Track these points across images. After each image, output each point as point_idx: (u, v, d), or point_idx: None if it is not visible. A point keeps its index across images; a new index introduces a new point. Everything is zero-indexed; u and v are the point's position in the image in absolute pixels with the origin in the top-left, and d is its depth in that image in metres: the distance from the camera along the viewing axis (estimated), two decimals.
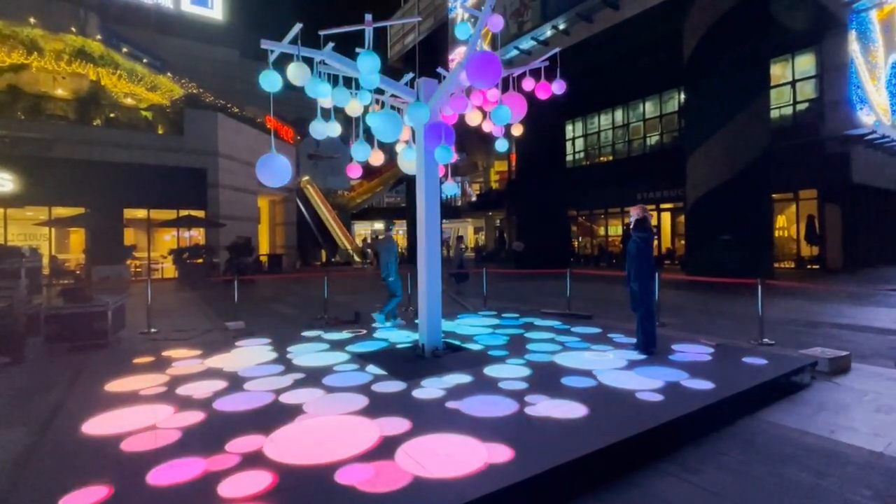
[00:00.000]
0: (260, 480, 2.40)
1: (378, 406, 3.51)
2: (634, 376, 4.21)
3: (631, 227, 5.21)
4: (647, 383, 3.97)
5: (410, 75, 4.98)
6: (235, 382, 4.18)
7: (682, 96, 22.36)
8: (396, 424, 3.14)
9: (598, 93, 24.93)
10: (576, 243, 28.02)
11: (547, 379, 4.13)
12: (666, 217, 23.48)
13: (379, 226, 43.82)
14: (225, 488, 2.34)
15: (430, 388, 3.90)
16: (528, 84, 5.34)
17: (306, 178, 32.79)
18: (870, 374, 4.74)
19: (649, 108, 24.13)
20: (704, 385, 3.88)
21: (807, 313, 8.37)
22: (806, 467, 2.81)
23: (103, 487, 2.40)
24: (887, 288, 11.69)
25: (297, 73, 4.05)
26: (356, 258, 29.30)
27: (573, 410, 3.35)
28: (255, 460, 2.66)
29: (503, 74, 5.11)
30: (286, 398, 3.73)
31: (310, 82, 4.20)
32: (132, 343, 6.49)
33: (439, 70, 4.99)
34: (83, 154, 16.33)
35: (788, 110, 19.12)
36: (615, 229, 26.24)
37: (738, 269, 13.39)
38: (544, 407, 3.43)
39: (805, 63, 18.84)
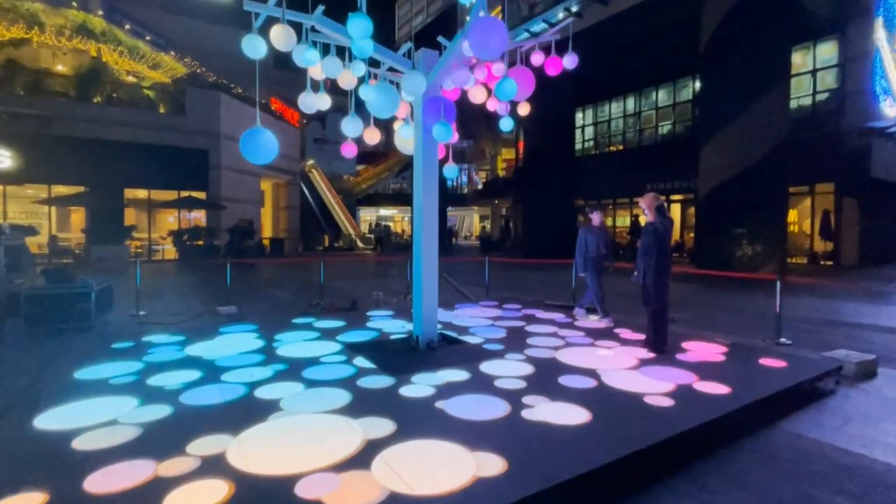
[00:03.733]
0: (213, 492, 2.11)
1: (362, 404, 3.21)
2: (642, 377, 3.88)
3: (648, 216, 4.82)
4: (655, 386, 3.64)
5: (409, 45, 4.59)
6: (212, 372, 3.89)
7: (697, 84, 21.68)
8: (379, 426, 2.84)
9: (609, 80, 24.26)
10: None
11: (547, 378, 3.81)
12: (676, 209, 22.92)
13: (385, 212, 43.54)
14: (170, 501, 2.05)
15: (421, 385, 3.59)
16: (538, 59, 4.93)
17: (311, 162, 32.44)
18: None
19: (662, 96, 23.44)
20: (720, 389, 3.54)
21: (823, 311, 7.97)
22: (840, 490, 2.48)
23: (39, 494, 2.11)
24: None
25: (281, 37, 3.68)
26: (360, 244, 29.04)
27: (575, 416, 3.03)
28: (213, 466, 2.36)
29: (510, 47, 4.73)
30: (263, 392, 3.43)
31: (296, 49, 3.83)
32: (117, 326, 6.24)
33: (440, 39, 4.58)
34: (84, 132, 16.04)
35: (808, 100, 18.42)
36: (623, 220, 25.73)
37: (751, 263, 13.03)
38: (543, 411, 3.11)
39: (827, 51, 18.09)
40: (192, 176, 18.00)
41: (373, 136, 4.85)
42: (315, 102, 4.31)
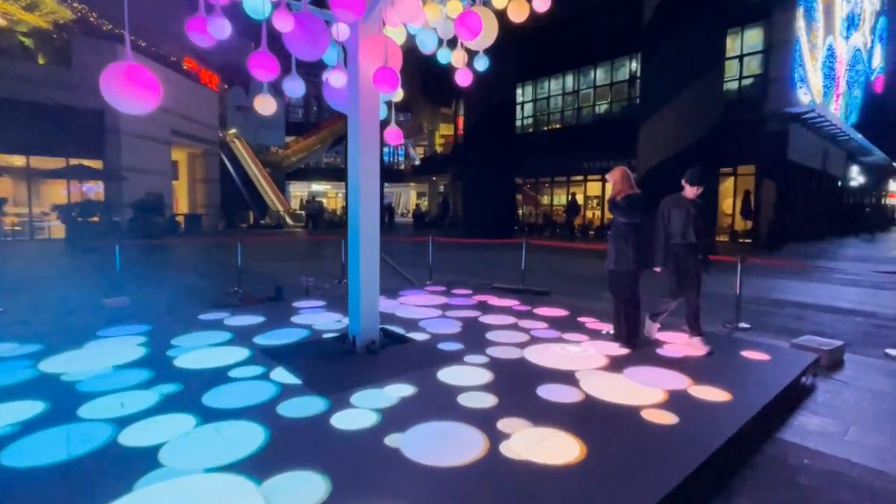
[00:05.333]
0: None
1: (280, 448, 2.32)
2: (628, 382, 3.30)
3: (620, 194, 4.20)
4: (647, 394, 3.06)
5: None
6: (65, 403, 2.79)
7: (634, 65, 21.90)
8: (303, 491, 1.98)
9: (550, 55, 23.95)
10: (520, 212, 27.50)
11: (519, 389, 3.12)
12: (609, 189, 23.30)
13: (317, 187, 41.15)
14: None
15: (363, 410, 2.74)
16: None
17: (233, 131, 29.60)
18: (869, 367, 4.17)
19: (600, 75, 23.50)
20: (720, 396, 3.03)
21: (765, 290, 8.03)
22: None
23: None
24: (827, 265, 11.92)
25: None
26: (289, 221, 27.10)
27: (564, 447, 2.35)
28: None
29: None
30: (134, 436, 2.43)
31: None
32: None
33: None
34: None
35: (734, 84, 19.14)
36: (559, 199, 25.91)
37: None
38: (523, 442, 2.40)
39: (754, 37, 18.80)
40: (83, 141, 15.43)
41: (269, 106, 3.78)
42: (217, 31, 3.14)
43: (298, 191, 40.67)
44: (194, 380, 3.18)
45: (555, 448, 2.34)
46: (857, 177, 30.58)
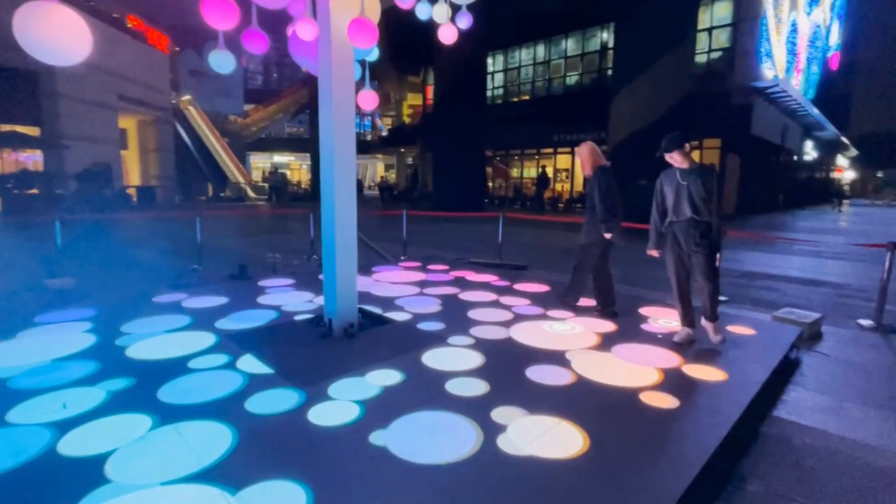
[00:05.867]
0: None
1: (251, 452, 2.04)
2: (619, 361, 3.16)
3: (587, 168, 4.28)
4: (641, 374, 2.93)
5: None
6: None
7: (605, 35, 21.64)
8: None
9: (522, 23, 23.32)
10: (490, 185, 27.28)
11: (510, 372, 2.93)
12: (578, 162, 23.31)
13: (280, 158, 39.53)
14: None
15: (343, 403, 2.49)
16: None
17: (187, 97, 27.79)
18: (846, 339, 4.21)
19: (571, 45, 23.15)
20: (715, 375, 2.93)
21: (734, 262, 8.15)
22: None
23: None
24: (793, 237, 12.31)
25: None
26: (251, 193, 25.97)
27: (567, 440, 2.17)
28: None
29: None
30: (80, 441, 2.09)
31: None
32: None
33: None
34: None
35: (703, 58, 19.20)
36: (529, 171, 25.81)
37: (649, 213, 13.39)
38: (522, 433, 2.21)
39: (723, 10, 18.79)
40: (16, 105, 14.01)
41: (226, 62, 3.33)
42: None
43: (259, 162, 39.02)
44: (148, 373, 2.83)
45: (557, 440, 2.16)
46: (810, 151, 31.80)
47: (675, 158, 3.59)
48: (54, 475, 1.86)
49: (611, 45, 20.45)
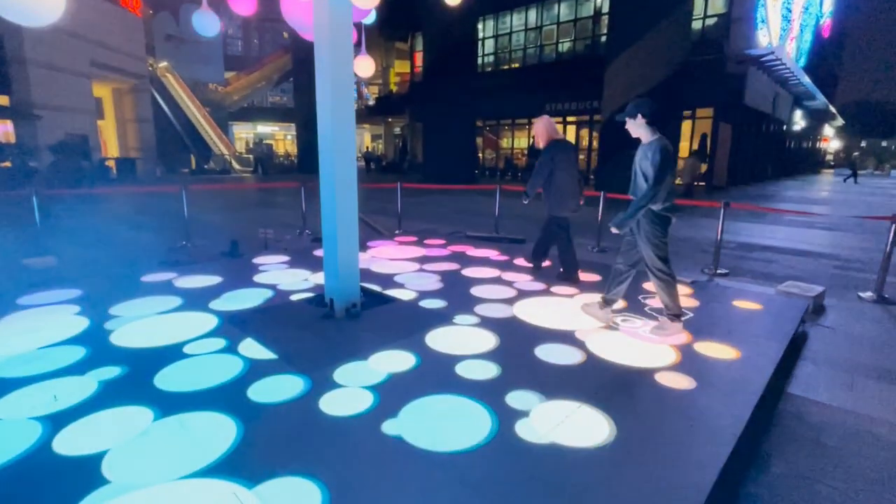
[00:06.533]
0: None
1: (260, 446, 1.93)
2: (629, 340, 3.10)
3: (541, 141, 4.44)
4: (654, 353, 2.87)
5: None
6: None
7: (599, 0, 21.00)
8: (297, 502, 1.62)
9: None
10: (480, 155, 26.88)
11: (520, 353, 2.84)
12: (571, 131, 23.04)
13: (263, 129, 38.40)
14: None
15: (352, 390, 2.38)
16: None
17: (164, 64, 26.60)
18: (850, 312, 4.21)
19: (564, 10, 22.46)
20: (728, 353, 2.88)
21: (728, 233, 8.13)
22: None
23: None
24: (811, 210, 12.33)
25: None
26: (236, 165, 25.29)
27: (590, 425, 2.10)
28: None
29: None
30: (72, 438, 1.96)
31: None
32: None
33: None
34: None
35: (698, 24, 18.77)
36: (520, 142, 25.44)
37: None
38: (542, 419, 2.13)
39: None
40: None
41: (210, 24, 3.07)
42: None
43: (243, 133, 37.91)
44: (142, 359, 2.68)
45: (580, 426, 2.08)
46: (799, 121, 31.81)
47: (630, 129, 3.10)
48: (45, 475, 1.73)
49: (605, 10, 19.84)
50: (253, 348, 2.83)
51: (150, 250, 6.08)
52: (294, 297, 3.84)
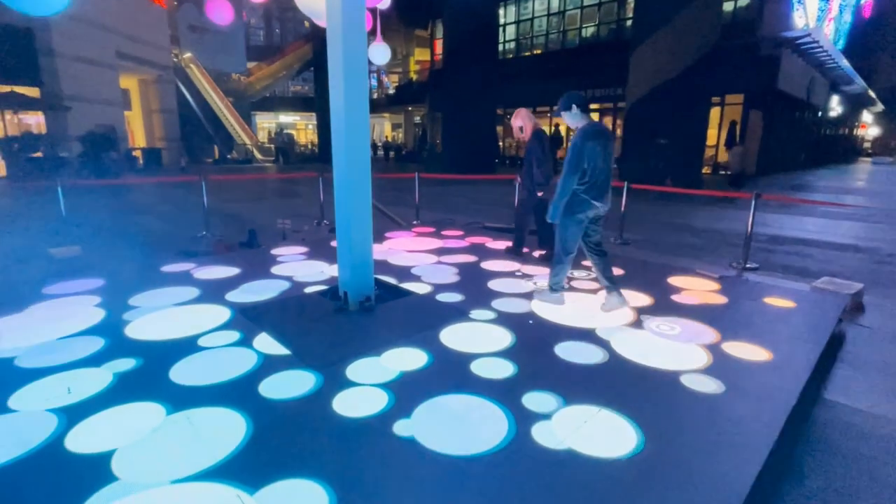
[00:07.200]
0: None
1: (269, 446, 1.89)
2: (654, 339, 2.97)
3: (526, 133, 4.77)
4: (680, 353, 2.74)
5: None
6: None
7: None
8: None
9: None
10: (501, 144, 26.54)
11: (539, 351, 2.75)
12: (595, 118, 22.43)
13: (285, 118, 38.70)
14: None
15: (362, 388, 2.33)
16: None
17: (188, 55, 26.94)
18: (892, 311, 3.98)
19: None
20: (758, 354, 2.73)
21: (757, 225, 7.80)
22: None
23: None
24: (826, 201, 11.82)
25: None
26: (258, 155, 25.57)
27: (612, 431, 2.00)
28: None
29: None
30: (85, 433, 1.96)
31: None
32: None
33: None
34: None
35: (729, 6, 18.00)
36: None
37: (667, 175, 12.79)
38: (559, 423, 2.04)
39: None
40: (14, 65, 13.55)
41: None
42: None
43: (265, 122, 38.25)
44: (157, 351, 2.69)
45: (600, 432, 1.99)
46: (835, 107, 30.41)
47: (568, 122, 3.34)
48: (54, 474, 1.73)
49: None
50: (266, 342, 2.80)
51: (171, 240, 6.16)
52: (309, 290, 3.82)
